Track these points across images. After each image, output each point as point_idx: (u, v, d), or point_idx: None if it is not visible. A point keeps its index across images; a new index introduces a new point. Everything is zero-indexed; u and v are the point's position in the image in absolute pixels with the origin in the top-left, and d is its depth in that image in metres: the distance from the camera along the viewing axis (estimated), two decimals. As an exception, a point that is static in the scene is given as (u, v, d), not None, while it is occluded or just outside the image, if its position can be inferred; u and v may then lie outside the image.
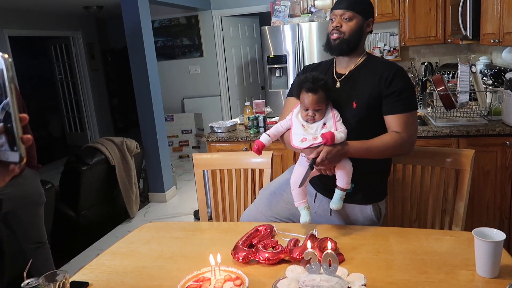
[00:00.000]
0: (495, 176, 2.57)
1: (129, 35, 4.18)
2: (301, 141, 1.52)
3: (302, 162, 1.61)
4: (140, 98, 4.31)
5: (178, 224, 1.94)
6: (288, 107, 1.73)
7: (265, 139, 1.63)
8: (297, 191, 1.60)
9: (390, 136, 1.56)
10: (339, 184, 1.53)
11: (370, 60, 1.67)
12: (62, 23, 6.62)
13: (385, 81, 1.57)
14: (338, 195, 1.54)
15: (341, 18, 1.61)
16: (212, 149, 3.09)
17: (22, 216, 2.37)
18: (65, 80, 7.46)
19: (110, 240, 3.61)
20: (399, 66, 1.63)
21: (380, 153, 1.56)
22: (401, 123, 1.56)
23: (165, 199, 4.49)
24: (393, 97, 1.57)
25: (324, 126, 1.53)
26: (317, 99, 1.52)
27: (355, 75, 1.65)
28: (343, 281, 1.17)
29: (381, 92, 1.58)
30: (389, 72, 1.58)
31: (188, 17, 5.98)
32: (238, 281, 1.25)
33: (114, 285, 1.34)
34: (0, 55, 0.67)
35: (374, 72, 1.61)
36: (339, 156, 1.47)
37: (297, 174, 1.62)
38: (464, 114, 2.77)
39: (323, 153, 1.44)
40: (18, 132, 0.68)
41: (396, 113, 1.57)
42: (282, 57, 4.82)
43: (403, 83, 1.58)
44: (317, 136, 1.50)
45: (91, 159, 3.53)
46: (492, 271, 1.20)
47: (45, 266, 2.49)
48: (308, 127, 1.55)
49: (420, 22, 4.62)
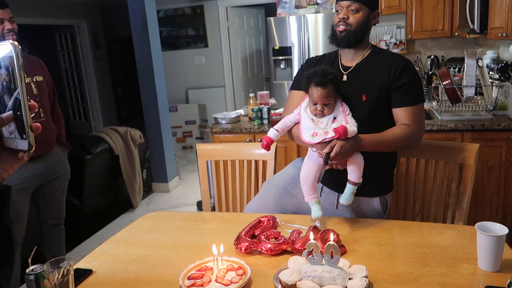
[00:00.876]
0: (499, 171, 2.56)
1: (134, 25, 4.17)
2: (312, 136, 1.50)
3: (312, 157, 1.59)
4: (144, 88, 4.31)
5: (181, 214, 1.95)
6: (293, 101, 1.71)
7: (273, 134, 1.60)
8: (308, 186, 1.57)
9: (400, 128, 1.56)
10: (350, 178, 1.51)
11: (376, 52, 1.66)
12: (67, 12, 6.61)
13: (394, 74, 1.57)
14: (350, 189, 1.51)
15: (348, 10, 1.58)
16: (216, 140, 3.10)
17: (49, 190, 2.49)
18: (70, 69, 7.46)
19: (113, 229, 3.64)
20: (406, 59, 1.62)
21: (391, 146, 1.57)
22: (410, 116, 1.56)
23: (168, 189, 4.50)
24: (402, 90, 1.56)
25: (335, 120, 1.51)
26: (326, 94, 1.50)
27: (362, 68, 1.63)
28: (345, 273, 1.17)
29: (390, 85, 1.57)
30: (397, 65, 1.57)
31: (193, 7, 5.95)
32: (240, 271, 1.26)
33: (117, 273, 1.36)
34: (11, 42, 0.66)
35: (382, 64, 1.60)
36: (352, 150, 1.46)
37: (307, 169, 1.59)
38: (470, 108, 2.75)
39: (337, 147, 1.42)
40: (27, 120, 0.67)
41: (405, 105, 1.57)
42: (287, 49, 4.79)
43: (412, 76, 1.58)
44: (328, 130, 1.48)
45: (95, 149, 3.54)
46: (494, 265, 1.21)
47: (58, 245, 2.61)
48: (318, 121, 1.52)
49: (427, 15, 4.57)
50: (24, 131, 0.67)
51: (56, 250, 2.59)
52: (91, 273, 1.36)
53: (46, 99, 2.40)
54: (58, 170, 2.51)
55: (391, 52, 1.73)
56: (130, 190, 4.01)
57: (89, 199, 3.59)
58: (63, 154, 2.58)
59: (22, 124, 0.67)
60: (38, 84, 2.35)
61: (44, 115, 2.35)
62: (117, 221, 3.87)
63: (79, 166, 3.43)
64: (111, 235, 1.66)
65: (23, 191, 2.31)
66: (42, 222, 2.56)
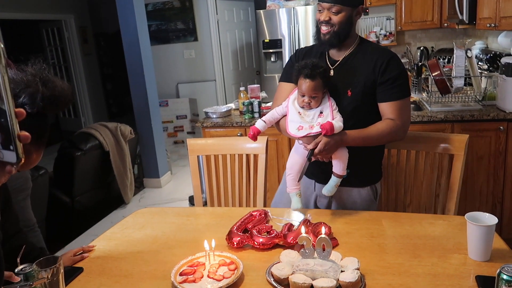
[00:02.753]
0: (488, 161, 2.59)
1: (122, 19, 4.12)
2: (297, 129, 1.52)
3: (298, 149, 1.62)
4: (134, 83, 4.27)
5: (173, 209, 1.94)
6: (281, 93, 1.72)
7: (260, 125, 1.62)
8: (292, 177, 1.61)
9: (385, 123, 1.57)
10: (335, 171, 1.54)
11: (363, 46, 1.65)
12: (54, 6, 6.51)
13: (379, 69, 1.56)
14: (334, 182, 1.55)
15: (329, 11, 1.57)
16: (207, 134, 3.08)
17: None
18: (58, 65, 7.37)
19: (105, 225, 3.61)
20: (392, 53, 1.62)
21: (376, 140, 1.59)
22: (395, 110, 1.57)
23: (160, 185, 4.48)
24: (387, 85, 1.56)
25: (321, 114, 1.53)
26: (314, 86, 1.51)
27: (349, 62, 1.63)
28: (337, 265, 1.17)
29: (375, 79, 1.57)
30: (383, 59, 1.57)
31: (182, 1, 5.88)
32: (232, 266, 1.26)
33: (109, 271, 1.35)
34: None
35: (368, 59, 1.60)
36: (336, 146, 1.49)
37: (293, 160, 1.63)
38: (459, 99, 2.77)
39: (321, 145, 1.44)
40: (14, 129, 0.59)
41: (391, 100, 1.57)
42: (278, 42, 4.77)
43: (397, 70, 1.58)
44: (313, 124, 1.50)
45: (85, 145, 3.51)
46: (484, 255, 1.22)
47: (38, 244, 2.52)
48: (305, 115, 1.54)
49: (417, 6, 4.57)
50: (10, 141, 0.59)
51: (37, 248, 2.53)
52: (82, 271, 1.35)
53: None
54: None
55: (378, 45, 1.74)
56: (122, 186, 3.98)
57: (79, 196, 3.56)
58: None
59: (8, 134, 0.59)
60: None
61: None
62: (109, 217, 3.84)
63: (69, 163, 3.40)
64: (103, 231, 1.65)
65: None
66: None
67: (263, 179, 1.95)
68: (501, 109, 2.54)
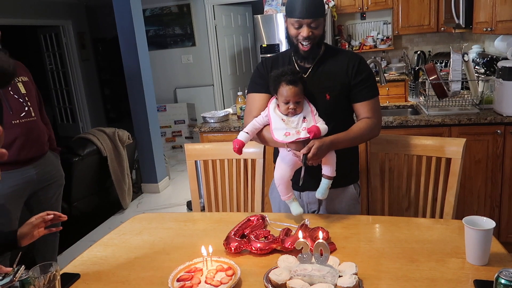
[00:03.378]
0: (486, 164, 2.59)
1: (120, 24, 4.12)
2: (284, 136, 1.52)
3: (285, 158, 1.61)
4: (132, 88, 4.27)
5: (171, 214, 1.94)
6: (254, 104, 1.70)
7: (244, 137, 1.60)
8: (284, 186, 1.61)
9: (365, 123, 1.63)
10: (325, 173, 1.56)
11: (329, 51, 1.69)
12: (51, 12, 6.52)
13: (351, 71, 1.63)
14: (325, 184, 1.57)
15: (309, 27, 1.57)
16: (205, 139, 3.08)
17: (44, 197, 2.41)
18: (56, 70, 7.36)
19: (103, 231, 3.60)
20: (359, 55, 1.70)
21: (360, 140, 1.66)
22: (370, 109, 1.65)
23: (158, 190, 4.48)
24: (360, 86, 1.64)
25: (305, 119, 1.54)
26: (298, 91, 1.53)
27: (321, 68, 1.66)
28: (335, 270, 1.17)
29: (349, 81, 1.64)
30: (353, 62, 1.64)
31: (180, 6, 5.90)
32: (230, 271, 1.25)
33: (105, 277, 1.34)
34: None
35: (339, 63, 1.65)
36: (328, 149, 1.52)
37: (282, 169, 1.62)
38: (456, 103, 2.77)
39: (314, 149, 1.46)
40: None
41: (365, 100, 1.65)
42: (275, 46, 4.78)
43: (368, 71, 1.66)
44: (299, 129, 1.51)
45: (83, 150, 3.50)
46: (482, 259, 1.22)
47: (51, 252, 2.56)
48: (289, 121, 1.55)
49: (414, 11, 4.60)
50: None
51: (49, 256, 2.53)
52: (79, 278, 1.34)
53: (34, 98, 2.33)
54: (52, 176, 2.43)
55: (341, 48, 1.79)
56: (119, 191, 3.97)
57: (77, 202, 3.55)
58: (56, 159, 2.50)
59: None
60: (25, 83, 2.28)
61: (34, 115, 2.28)
62: (107, 223, 3.83)
63: (67, 168, 3.35)
64: (101, 237, 1.64)
65: (15, 198, 2.24)
66: None
67: (261, 184, 1.95)
68: (498, 113, 2.55)
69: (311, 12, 1.54)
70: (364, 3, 4.75)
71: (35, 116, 2.28)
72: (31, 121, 2.25)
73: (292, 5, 1.57)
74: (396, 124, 2.64)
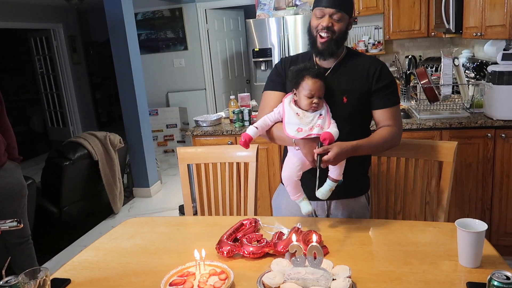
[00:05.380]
0: (477, 168, 2.61)
1: (112, 28, 4.10)
2: (296, 131, 1.47)
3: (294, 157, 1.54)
4: (124, 92, 4.25)
5: (163, 218, 1.92)
6: (269, 102, 1.66)
7: (252, 132, 1.56)
8: (292, 186, 1.56)
9: (387, 131, 1.58)
10: (332, 175, 1.50)
11: (351, 54, 1.66)
12: (42, 15, 6.47)
13: (373, 77, 1.58)
14: (329, 186, 1.50)
15: (331, 18, 1.53)
16: (197, 143, 3.07)
17: (6, 210, 2.29)
18: (46, 74, 7.30)
19: (94, 236, 3.56)
20: (382, 62, 1.65)
21: (381, 148, 1.60)
22: (391, 117, 1.59)
23: (150, 194, 4.44)
24: (382, 92, 1.58)
25: (320, 116, 1.50)
26: (323, 85, 1.50)
27: (341, 70, 1.62)
28: (328, 274, 1.17)
29: (370, 87, 1.59)
30: (375, 68, 1.59)
31: (172, 10, 5.90)
32: (223, 275, 1.24)
33: (96, 282, 1.32)
34: None
35: (360, 67, 1.61)
36: (346, 155, 1.46)
37: (290, 169, 1.56)
38: (447, 107, 2.80)
39: (333, 155, 1.39)
40: None
41: (387, 107, 1.59)
42: (267, 50, 4.80)
43: (390, 78, 1.61)
44: (313, 126, 1.47)
45: (74, 154, 3.47)
46: (474, 261, 1.22)
47: (27, 262, 2.45)
48: (304, 116, 1.50)
49: (404, 16, 4.64)
50: None
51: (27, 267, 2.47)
52: (69, 283, 1.32)
53: None
54: (12, 188, 2.31)
55: (364, 54, 1.74)
56: (111, 196, 3.94)
57: (68, 206, 3.51)
58: (16, 169, 2.37)
59: None
60: None
61: None
62: (97, 227, 3.79)
63: (57, 172, 3.35)
64: (91, 242, 1.62)
65: None
66: (5, 241, 2.38)
67: (254, 187, 1.94)
68: (489, 117, 2.58)
69: (337, 3, 1.51)
70: (355, 8, 4.79)
71: None
72: None
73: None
74: (388, 127, 2.65)
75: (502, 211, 2.62)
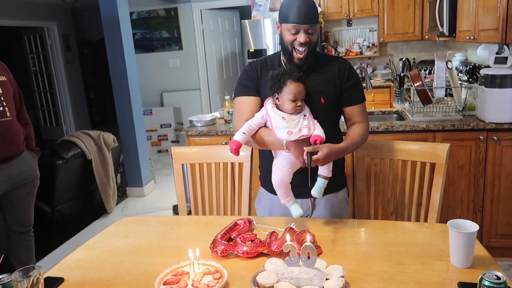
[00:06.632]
0: (469, 170, 2.64)
1: (106, 27, 4.09)
2: (287, 134, 1.49)
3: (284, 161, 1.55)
4: (118, 91, 4.23)
5: (157, 218, 1.92)
6: (245, 107, 1.65)
7: (241, 138, 1.54)
8: (283, 190, 1.57)
9: (360, 128, 1.66)
10: (322, 173, 1.55)
11: (316, 55, 1.65)
12: (36, 13, 6.43)
13: (343, 75, 1.65)
14: (321, 183, 1.55)
15: (306, 33, 1.54)
16: (192, 143, 3.06)
17: (17, 196, 2.41)
18: (40, 72, 7.25)
19: (87, 235, 3.54)
20: (347, 60, 1.73)
21: (359, 145, 1.68)
22: (361, 113, 1.69)
23: (143, 194, 4.43)
24: (352, 90, 1.67)
25: (305, 117, 1.53)
26: (304, 88, 1.53)
27: (313, 72, 1.64)
28: (322, 273, 1.18)
29: (341, 86, 1.66)
30: (344, 66, 1.67)
31: (167, 9, 5.89)
32: (217, 275, 1.25)
33: (90, 281, 1.32)
34: None
35: (329, 66, 1.67)
36: (335, 157, 1.52)
37: (281, 172, 1.56)
38: (440, 109, 2.83)
39: (322, 155, 1.43)
40: None
41: (356, 103, 1.68)
42: (263, 51, 4.81)
43: (356, 75, 1.70)
44: (301, 127, 1.50)
45: (67, 153, 3.45)
46: (466, 262, 1.23)
47: (26, 253, 2.51)
48: (290, 119, 1.52)
49: (399, 19, 4.68)
50: None
51: (25, 258, 2.50)
52: (63, 281, 1.31)
53: (11, 99, 2.33)
54: (27, 176, 2.43)
55: (326, 53, 1.82)
56: (104, 195, 3.92)
57: (61, 206, 3.49)
58: (32, 159, 2.50)
59: None
60: (2, 84, 2.28)
61: (10, 115, 2.28)
62: (90, 227, 3.77)
63: (50, 171, 3.33)
64: (84, 241, 1.62)
65: None
66: (8, 229, 2.48)
67: (248, 187, 1.94)
68: (481, 119, 2.60)
69: (309, 18, 1.52)
70: (350, 10, 4.81)
71: (10, 116, 2.28)
72: (6, 121, 2.26)
73: (288, 10, 1.53)
74: (381, 129, 2.68)
75: (493, 212, 2.65)
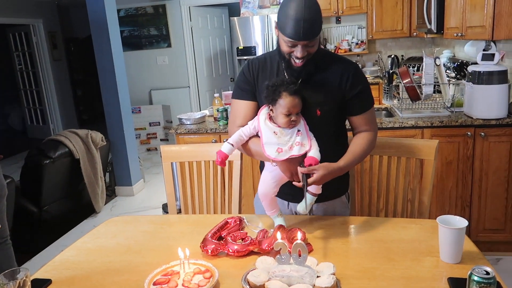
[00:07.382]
0: (457, 165, 2.66)
1: (94, 24, 4.04)
2: (277, 152, 1.40)
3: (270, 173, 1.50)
4: (106, 89, 4.18)
5: (146, 217, 1.90)
6: (240, 112, 1.58)
7: (228, 149, 1.48)
8: (268, 202, 1.52)
9: (365, 138, 1.55)
10: (311, 190, 1.44)
11: (322, 58, 1.52)
12: (21, 10, 6.32)
13: (345, 83, 1.50)
14: (309, 200, 1.45)
15: (305, 47, 1.40)
16: (181, 141, 3.04)
17: None
18: (25, 71, 7.14)
19: (75, 236, 3.50)
20: (354, 64, 1.58)
21: (362, 158, 1.57)
22: (368, 121, 1.57)
23: (132, 193, 4.40)
24: (357, 98, 1.53)
25: (299, 132, 1.43)
26: (300, 101, 1.41)
27: (312, 80, 1.51)
28: (313, 271, 1.17)
29: (344, 95, 1.52)
30: (348, 73, 1.51)
31: (155, 6, 5.84)
32: (207, 274, 1.24)
33: (79, 282, 1.30)
34: None
35: (332, 74, 1.51)
36: (332, 177, 1.42)
37: (267, 185, 1.51)
38: (429, 106, 2.85)
39: (318, 177, 1.36)
40: None
41: (363, 112, 1.55)
42: (252, 49, 4.80)
43: (363, 81, 1.55)
44: (292, 144, 1.41)
45: (54, 152, 3.40)
46: (455, 257, 1.24)
47: (6, 263, 2.40)
48: (282, 134, 1.42)
49: (387, 16, 4.70)
50: None
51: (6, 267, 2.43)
52: (50, 283, 1.29)
53: None
54: None
55: (336, 55, 1.63)
56: (92, 194, 3.88)
57: (48, 206, 3.44)
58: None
59: None
60: None
61: None
62: (79, 227, 3.73)
63: (37, 171, 3.28)
64: (73, 242, 1.59)
65: None
66: None
67: (238, 185, 1.94)
68: (468, 116, 2.63)
69: (308, 34, 1.36)
70: (339, 8, 4.82)
71: None
72: None
73: (286, 20, 1.36)
74: (371, 126, 2.68)
75: (481, 208, 2.68)
